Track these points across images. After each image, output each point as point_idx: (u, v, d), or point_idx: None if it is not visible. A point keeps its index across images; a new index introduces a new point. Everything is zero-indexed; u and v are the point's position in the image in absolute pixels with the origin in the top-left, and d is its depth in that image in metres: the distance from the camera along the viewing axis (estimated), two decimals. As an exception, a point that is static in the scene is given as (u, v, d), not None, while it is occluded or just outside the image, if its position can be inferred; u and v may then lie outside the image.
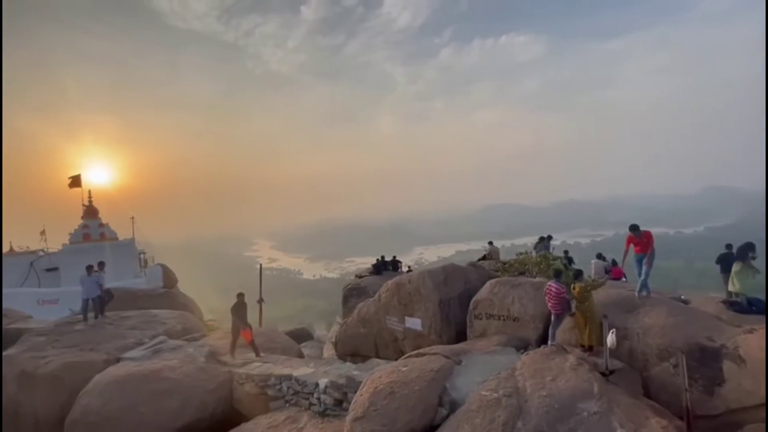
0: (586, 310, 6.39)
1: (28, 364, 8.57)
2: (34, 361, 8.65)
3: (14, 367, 8.60)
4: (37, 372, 8.39)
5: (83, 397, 7.87)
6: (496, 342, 7.25)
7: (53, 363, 8.61)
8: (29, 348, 9.19)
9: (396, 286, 10.35)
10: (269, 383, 8.29)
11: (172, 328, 11.33)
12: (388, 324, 10.50)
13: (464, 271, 10.36)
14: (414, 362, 6.31)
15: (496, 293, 8.18)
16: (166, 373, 8.33)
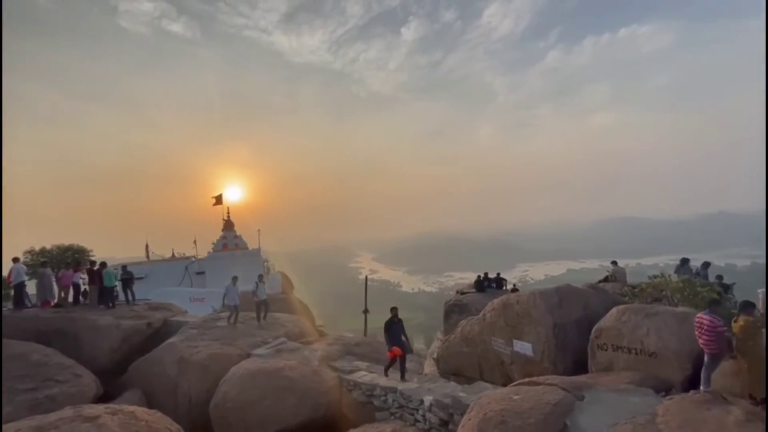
0: (749, 351, 5.13)
1: (185, 351, 10.38)
2: (189, 349, 10.46)
3: (175, 353, 10.50)
4: (191, 359, 10.10)
5: (223, 385, 9.20)
6: (627, 379, 6.29)
7: (202, 353, 10.28)
8: (186, 338, 11.15)
9: (502, 305, 9.82)
10: (375, 393, 8.55)
11: (291, 331, 12.56)
12: (493, 346, 9.98)
13: (583, 294, 9.32)
14: (527, 391, 5.85)
15: (625, 322, 7.15)
16: (287, 372, 9.23)
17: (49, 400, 8.63)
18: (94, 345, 11.61)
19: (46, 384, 9.03)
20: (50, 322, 11.71)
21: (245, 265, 28.49)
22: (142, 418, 6.30)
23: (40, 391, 8.76)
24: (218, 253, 29.43)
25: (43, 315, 12.07)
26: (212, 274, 27.92)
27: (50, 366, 9.75)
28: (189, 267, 28.86)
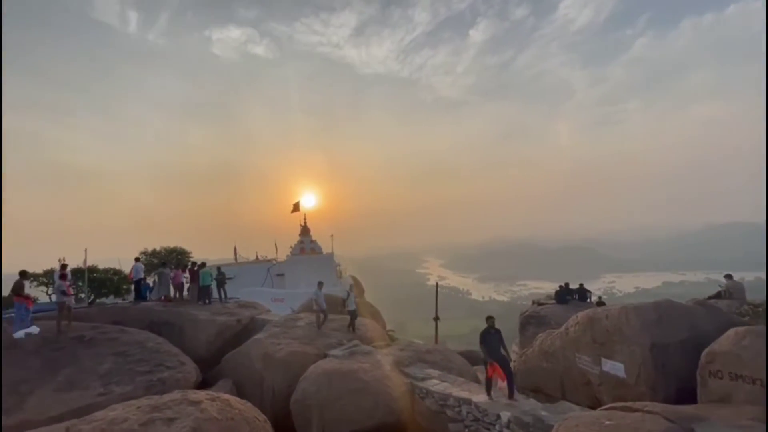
0: None
1: (269, 347, 11.23)
2: (273, 345, 11.29)
3: (261, 349, 11.40)
4: (275, 355, 10.89)
5: (302, 382, 9.76)
6: (751, 415, 5.38)
7: (284, 350, 11.03)
8: (270, 335, 12.06)
9: (588, 320, 9.04)
10: (448, 403, 8.40)
11: (364, 334, 12.90)
12: (578, 363, 9.22)
13: (688, 311, 8.21)
14: (622, 417, 5.29)
15: (746, 346, 6.13)
16: (361, 375, 9.50)
17: (161, 382, 9.92)
18: (194, 337, 13.11)
19: (158, 368, 10.40)
20: (160, 315, 13.50)
21: (320, 269, 30.01)
22: (236, 407, 6.94)
23: (153, 374, 10.13)
24: (296, 257, 31.42)
25: (155, 308, 13.96)
26: (291, 276, 29.90)
27: (161, 353, 11.22)
28: (271, 269, 31.21)
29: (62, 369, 9.92)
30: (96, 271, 21.82)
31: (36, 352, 10.34)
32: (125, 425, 5.85)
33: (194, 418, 6.02)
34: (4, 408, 8.39)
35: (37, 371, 9.68)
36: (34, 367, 9.77)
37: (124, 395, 9.04)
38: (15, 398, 8.75)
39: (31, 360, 10.04)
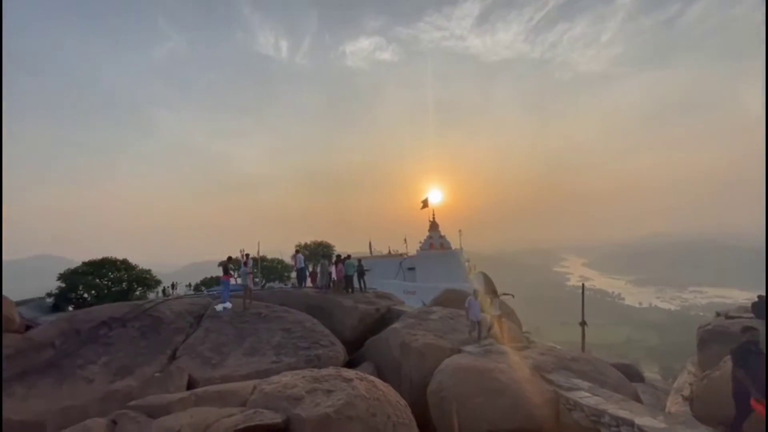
0: None
1: (405, 337, 11.84)
2: (409, 336, 11.87)
3: (398, 337, 12.11)
4: (411, 345, 11.43)
5: (437, 375, 9.99)
6: None
7: (420, 341, 11.48)
8: (406, 326, 12.70)
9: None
10: (603, 420, 7.45)
11: (498, 334, 12.44)
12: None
13: None
14: None
15: None
16: (497, 374, 9.20)
17: (317, 358, 11.50)
18: (340, 321, 14.76)
19: (315, 346, 12.06)
20: (315, 300, 15.62)
21: (449, 264, 30.08)
22: (381, 388, 7.57)
23: (312, 350, 11.80)
24: (426, 252, 32.24)
25: (310, 294, 16.22)
26: (421, 270, 30.85)
27: (316, 332, 12.98)
28: (402, 263, 32.77)
29: (247, 338, 12.40)
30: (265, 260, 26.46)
31: (230, 322, 13.17)
32: (295, 390, 6.99)
33: (347, 393, 6.80)
34: (214, 362, 10.97)
35: (232, 338, 12.33)
36: (229, 334, 12.48)
37: (290, 365, 10.78)
38: (219, 357, 11.33)
39: (227, 328, 12.83)
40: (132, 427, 6.44)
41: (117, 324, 11.87)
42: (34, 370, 9.69)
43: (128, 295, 22.47)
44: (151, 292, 24.12)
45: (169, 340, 11.78)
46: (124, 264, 24.17)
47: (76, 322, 11.71)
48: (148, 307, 13.07)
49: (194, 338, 12.02)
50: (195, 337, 12.04)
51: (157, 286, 24.80)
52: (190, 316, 13.20)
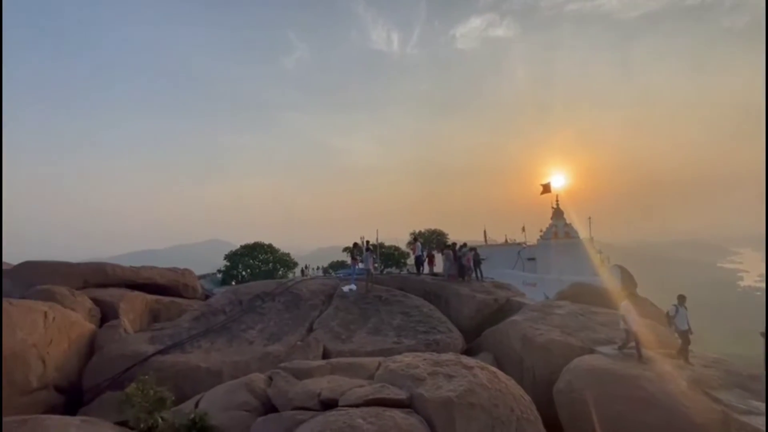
0: None
1: (527, 330, 11.23)
2: (531, 329, 11.22)
3: (519, 330, 11.55)
4: (534, 339, 10.80)
5: (567, 373, 9.23)
6: None
7: (544, 336, 10.75)
8: (528, 318, 12.03)
9: None
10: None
11: (644, 335, 10.81)
12: None
13: None
14: None
15: None
16: (643, 383, 8.06)
17: (435, 343, 11.78)
18: (457, 309, 14.76)
19: (433, 331, 12.37)
20: (431, 287, 15.94)
21: (575, 255, 27.22)
22: (503, 380, 7.39)
23: (430, 335, 12.14)
24: (548, 241, 29.69)
25: (427, 280, 16.59)
26: (542, 261, 28.59)
27: (433, 318, 13.27)
28: (521, 253, 30.88)
29: (371, 318, 13.41)
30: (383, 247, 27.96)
31: (355, 303, 14.40)
32: (417, 371, 7.32)
33: (468, 381, 6.83)
34: (343, 337, 12.21)
35: (357, 317, 13.49)
36: (355, 313, 13.68)
37: (410, 347, 11.29)
38: (347, 333, 12.55)
39: (353, 308, 14.07)
40: (283, 384, 7.67)
41: (268, 298, 14.14)
42: (213, 330, 12.28)
43: (273, 274, 26.49)
44: (290, 272, 27.96)
45: (307, 314, 13.52)
46: (270, 248, 28.58)
47: (239, 294, 14.35)
48: (289, 285, 15.20)
49: (326, 315, 13.54)
50: (327, 314, 13.56)
51: (294, 267, 28.64)
52: (323, 295, 14.88)
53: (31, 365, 8.95)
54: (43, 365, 9.23)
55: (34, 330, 9.24)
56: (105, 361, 10.25)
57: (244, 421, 6.89)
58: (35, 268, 13.76)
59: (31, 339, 9.07)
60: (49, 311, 9.95)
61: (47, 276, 13.16)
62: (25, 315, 9.25)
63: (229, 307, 13.55)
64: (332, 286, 15.94)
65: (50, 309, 10.07)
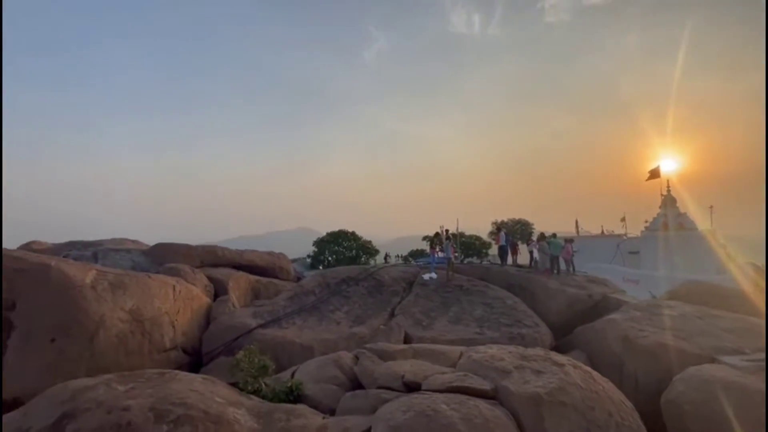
0: None
1: (629, 331, 10.13)
2: (633, 330, 10.10)
3: (619, 330, 10.47)
4: (637, 341, 9.70)
5: (678, 383, 8.13)
6: None
7: (649, 339, 9.60)
8: (629, 318, 10.85)
9: None
10: None
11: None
12: None
13: None
14: None
15: None
16: (783, 402, 6.75)
17: (520, 337, 11.29)
18: (544, 303, 13.91)
19: (517, 324, 11.86)
20: (515, 278, 15.24)
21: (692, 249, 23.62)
22: (600, 382, 6.80)
23: (514, 328, 11.66)
24: (656, 233, 26.14)
25: (510, 271, 15.89)
26: (648, 255, 25.31)
27: (518, 311, 12.70)
28: (621, 245, 27.76)
29: (451, 307, 13.34)
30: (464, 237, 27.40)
31: (436, 291, 14.44)
32: (502, 363, 7.11)
33: (559, 378, 6.43)
34: (423, 324, 12.36)
35: (438, 305, 13.52)
36: (435, 301, 13.72)
37: (493, 339, 10.99)
38: (428, 320, 12.66)
39: (434, 296, 14.13)
40: (369, 364, 8.06)
41: (352, 282, 14.90)
42: (304, 309, 13.37)
43: (356, 260, 27.78)
44: (371, 259, 29.05)
45: (388, 300, 13.95)
46: (353, 236, 29.99)
47: (327, 278, 15.36)
48: (372, 271, 15.80)
49: (407, 301, 13.81)
50: (408, 301, 13.83)
51: (376, 254, 29.67)
52: (403, 282, 15.19)
53: (164, 329, 10.75)
54: (173, 330, 11.02)
55: (167, 300, 11.07)
56: (218, 330, 11.85)
57: (333, 394, 7.43)
58: (164, 248, 16.36)
59: (165, 307, 10.89)
60: (177, 285, 11.82)
61: (173, 255, 15.57)
62: (160, 287, 11.13)
63: (318, 289, 14.60)
64: (413, 273, 16.16)
65: (177, 283, 11.95)
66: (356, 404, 6.80)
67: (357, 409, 6.62)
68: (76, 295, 9.21)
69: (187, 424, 5.36)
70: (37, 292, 8.98)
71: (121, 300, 9.94)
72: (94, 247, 16.49)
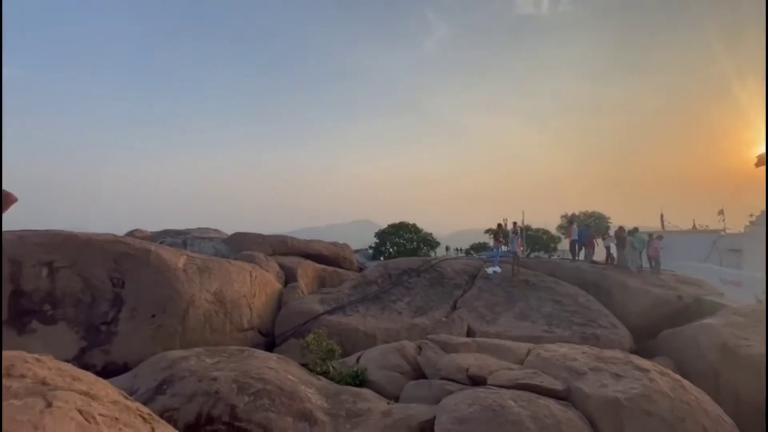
0: None
1: (728, 339, 8.94)
2: (734, 338, 8.89)
3: (715, 337, 9.29)
4: (738, 351, 8.53)
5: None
6: None
7: (755, 349, 8.38)
8: (728, 324, 9.55)
9: None
10: None
11: None
12: None
13: None
14: None
15: None
16: None
17: (594, 337, 10.51)
18: (623, 303, 12.76)
19: (592, 324, 11.05)
20: (590, 275, 14.18)
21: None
22: (693, 392, 6.12)
23: (587, 328, 10.89)
24: (762, 229, 22.61)
25: (583, 267, 14.80)
26: (752, 253, 22.00)
27: (592, 310, 11.83)
28: (717, 242, 24.49)
29: (517, 302, 12.81)
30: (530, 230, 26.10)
31: (500, 285, 13.96)
32: (575, 363, 6.69)
33: (642, 384, 5.90)
34: (487, 318, 12.05)
35: (502, 300, 13.07)
36: (500, 296, 13.28)
37: (563, 338, 10.36)
38: (492, 314, 12.31)
39: (498, 291, 13.68)
40: (431, 354, 8.08)
41: (413, 274, 14.96)
42: (367, 298, 13.74)
43: (417, 252, 27.81)
44: (432, 251, 28.89)
45: (450, 293, 13.79)
46: (414, 228, 30.03)
47: (388, 269, 15.60)
48: (433, 263, 15.72)
49: (470, 294, 13.54)
50: (470, 294, 13.55)
51: (436, 246, 29.43)
52: (466, 275, 14.90)
53: (242, 310, 11.74)
54: (250, 311, 11.99)
55: (245, 284, 12.06)
56: (289, 314, 12.65)
57: (397, 381, 7.58)
58: (241, 237, 17.80)
59: (243, 291, 11.87)
60: (253, 271, 12.82)
61: (249, 244, 16.89)
62: (239, 272, 12.15)
63: (380, 279, 14.89)
64: (475, 267, 15.78)
65: (253, 269, 12.96)
66: (420, 393, 6.87)
67: (420, 398, 6.68)
68: (171, 277, 10.41)
69: (265, 397, 5.84)
70: (140, 273, 10.31)
71: (207, 283, 11.03)
72: (183, 235, 18.48)
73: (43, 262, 9.61)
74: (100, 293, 9.79)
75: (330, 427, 5.75)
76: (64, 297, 9.50)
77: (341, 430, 5.74)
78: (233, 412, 5.47)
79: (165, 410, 5.48)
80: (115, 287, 9.99)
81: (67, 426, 2.78)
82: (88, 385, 3.60)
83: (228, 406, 5.50)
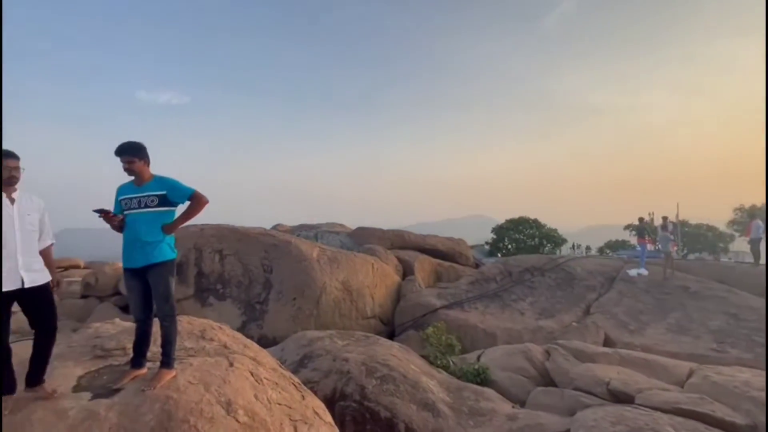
0: None
1: None
2: None
3: None
4: None
5: None
6: None
7: None
8: None
9: None
10: None
11: None
12: None
13: None
14: None
15: None
16: None
17: None
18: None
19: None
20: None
21: None
22: None
23: None
24: None
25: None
26: None
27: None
28: None
29: (671, 312, 10.79)
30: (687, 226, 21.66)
31: (647, 290, 11.95)
32: (762, 394, 5.31)
33: None
34: (630, 328, 10.45)
35: (650, 307, 11.17)
36: (647, 303, 11.37)
37: (740, 360, 8.35)
38: (636, 324, 10.63)
39: (644, 296, 11.73)
40: (562, 361, 7.39)
41: (537, 272, 13.89)
42: (486, 296, 13.30)
43: (539, 249, 25.66)
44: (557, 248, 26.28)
45: (582, 295, 12.37)
46: (536, 223, 27.76)
47: (508, 266, 14.82)
48: (561, 262, 14.32)
49: (607, 299, 11.93)
50: (608, 298, 11.94)
51: (562, 244, 26.64)
52: (601, 277, 13.17)
53: (366, 299, 12.62)
54: (372, 301, 12.82)
55: (368, 275, 12.93)
56: (408, 306, 13.09)
57: (522, 385, 7.16)
58: (363, 231, 19.09)
59: (366, 281, 12.76)
60: (375, 263, 13.64)
61: (370, 238, 18.01)
62: (362, 264, 13.08)
63: (499, 276, 14.25)
64: (613, 267, 13.82)
65: (375, 262, 13.79)
66: (549, 401, 6.36)
67: (550, 407, 6.18)
68: (307, 266, 11.82)
69: (390, 383, 6.18)
70: (284, 262, 11.97)
71: (336, 272, 12.18)
72: (315, 229, 20.75)
73: (216, 250, 11.94)
74: (255, 277, 11.70)
75: (453, 421, 5.76)
76: (230, 279, 11.66)
77: (464, 426, 5.70)
78: (363, 392, 5.92)
79: (307, 382, 6.25)
80: (265, 272, 11.80)
81: (243, 383, 3.43)
82: (254, 352, 4.35)
83: (359, 386, 5.98)
